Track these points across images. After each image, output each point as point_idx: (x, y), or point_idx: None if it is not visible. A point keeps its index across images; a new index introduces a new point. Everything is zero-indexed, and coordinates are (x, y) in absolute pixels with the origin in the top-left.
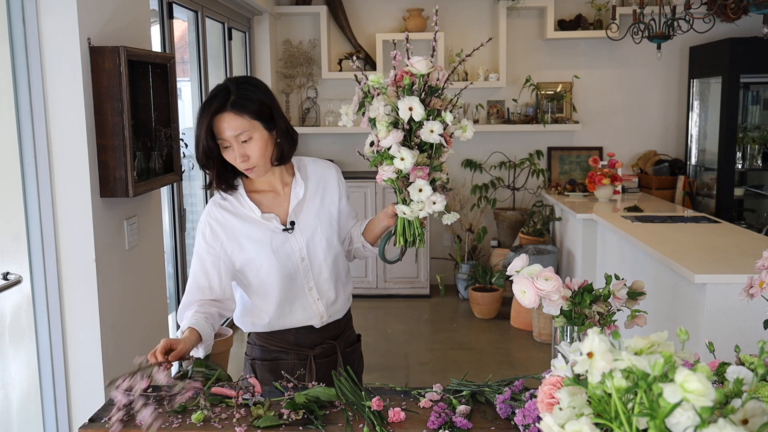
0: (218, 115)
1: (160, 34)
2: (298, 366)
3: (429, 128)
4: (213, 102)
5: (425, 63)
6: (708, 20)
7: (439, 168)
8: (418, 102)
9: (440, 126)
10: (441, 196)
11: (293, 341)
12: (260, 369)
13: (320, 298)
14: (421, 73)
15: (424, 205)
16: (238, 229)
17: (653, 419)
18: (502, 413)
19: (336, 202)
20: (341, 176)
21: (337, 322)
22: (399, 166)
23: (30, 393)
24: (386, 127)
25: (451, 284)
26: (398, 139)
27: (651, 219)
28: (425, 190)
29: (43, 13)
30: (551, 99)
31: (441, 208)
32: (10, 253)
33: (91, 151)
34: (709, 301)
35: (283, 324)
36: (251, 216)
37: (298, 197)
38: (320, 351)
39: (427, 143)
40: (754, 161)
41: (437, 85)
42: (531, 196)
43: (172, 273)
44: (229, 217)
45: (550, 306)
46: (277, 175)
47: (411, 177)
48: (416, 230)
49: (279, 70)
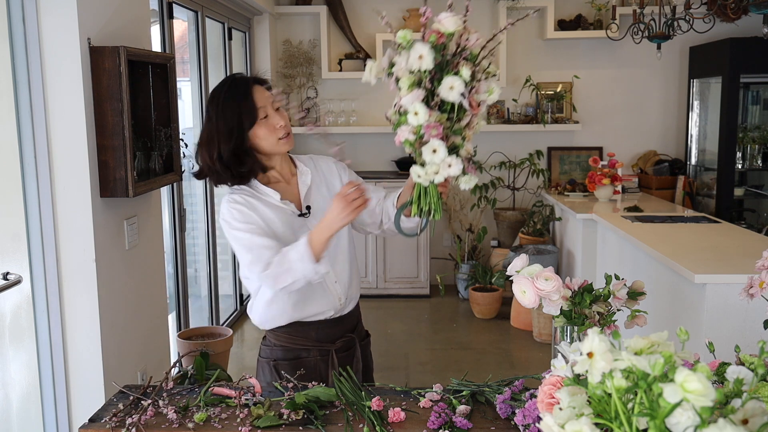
0: (253, 86)
1: (160, 34)
2: (321, 362)
3: (448, 84)
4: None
5: (454, 20)
6: (708, 20)
7: (460, 132)
8: (428, 50)
9: (461, 82)
10: (457, 159)
11: (314, 337)
12: (284, 370)
13: (337, 281)
14: (449, 31)
15: (438, 167)
16: (262, 210)
17: (653, 419)
18: (502, 413)
19: (339, 186)
20: (335, 161)
21: (351, 315)
22: (412, 122)
23: (30, 393)
24: (408, 86)
25: (451, 284)
26: (419, 98)
27: (651, 219)
28: (439, 152)
29: (43, 13)
30: (551, 99)
31: (457, 171)
32: (10, 252)
33: (91, 151)
34: (709, 301)
35: (303, 314)
36: (271, 202)
37: (306, 184)
38: (341, 344)
39: (448, 104)
40: (754, 161)
41: (469, 47)
42: (531, 196)
43: (172, 273)
44: (252, 200)
45: (550, 306)
46: (285, 165)
47: (426, 136)
48: (432, 199)
49: (279, 70)
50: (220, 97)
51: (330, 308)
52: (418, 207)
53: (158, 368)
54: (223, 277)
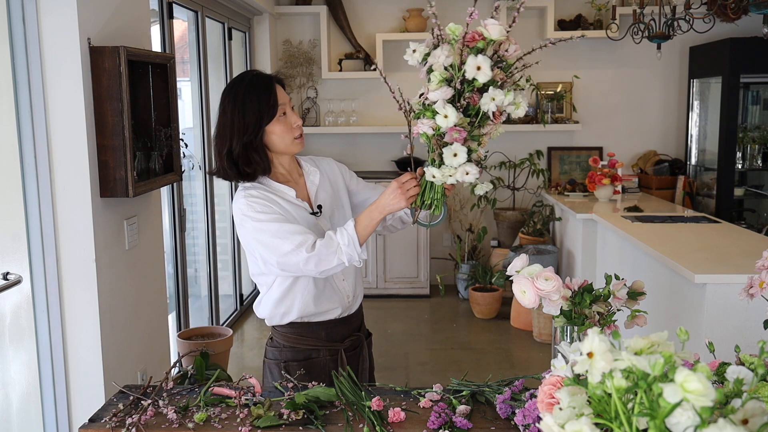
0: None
1: (160, 34)
2: (330, 362)
3: (491, 95)
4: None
5: (499, 29)
6: (708, 20)
7: (478, 139)
8: (489, 64)
9: (503, 97)
10: (476, 167)
11: (324, 337)
12: (295, 370)
13: (345, 278)
14: (491, 38)
15: (455, 171)
16: (281, 204)
17: (653, 419)
18: (502, 413)
19: (343, 187)
20: (337, 162)
21: (357, 314)
22: (440, 123)
23: (30, 393)
24: (439, 81)
25: (451, 284)
26: (446, 96)
27: (651, 219)
28: (460, 156)
29: (43, 13)
30: (551, 99)
31: (472, 179)
32: (10, 253)
33: (91, 151)
34: (709, 301)
35: (313, 311)
36: (288, 198)
37: (315, 184)
38: (349, 343)
39: (473, 109)
40: (754, 161)
41: (505, 58)
42: (531, 196)
43: (172, 273)
44: (268, 194)
45: (550, 306)
46: (294, 165)
47: (447, 137)
48: (436, 195)
49: (279, 70)
50: (240, 90)
51: (339, 306)
52: (421, 199)
53: (158, 368)
54: (223, 277)
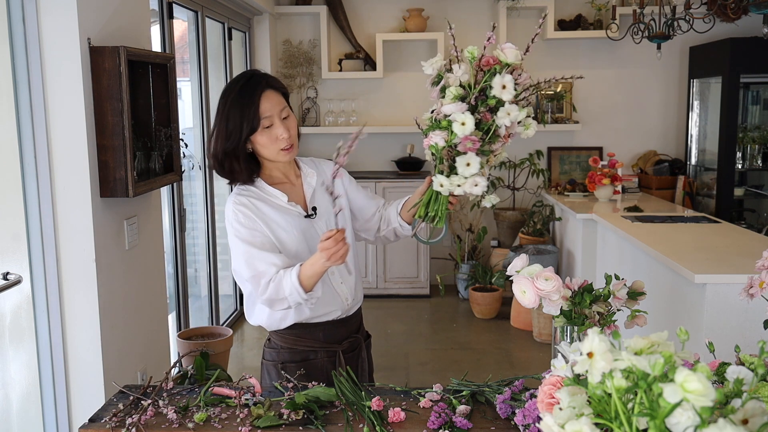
0: (264, 91)
1: (160, 34)
2: (328, 363)
3: (507, 111)
4: (251, 84)
5: (515, 53)
6: (708, 20)
7: (488, 154)
8: (513, 84)
9: (517, 113)
10: (484, 180)
11: (322, 338)
12: (292, 372)
13: (342, 281)
14: (507, 61)
15: (465, 182)
16: (267, 214)
17: (653, 419)
18: (502, 413)
19: (343, 191)
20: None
21: (356, 315)
22: (457, 130)
23: (30, 393)
24: (453, 97)
25: (451, 284)
26: (461, 110)
27: (651, 219)
28: (473, 165)
29: (43, 13)
30: (551, 99)
31: (480, 191)
32: (10, 253)
33: (91, 151)
34: (709, 301)
35: (311, 315)
36: (278, 203)
37: (312, 186)
38: (347, 345)
39: (484, 125)
40: (754, 161)
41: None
42: (531, 196)
43: (172, 273)
44: (257, 202)
45: (550, 306)
46: (290, 167)
47: (461, 147)
48: (441, 206)
49: (279, 70)
50: (229, 97)
51: (337, 308)
52: (425, 210)
53: (158, 368)
54: (223, 277)
